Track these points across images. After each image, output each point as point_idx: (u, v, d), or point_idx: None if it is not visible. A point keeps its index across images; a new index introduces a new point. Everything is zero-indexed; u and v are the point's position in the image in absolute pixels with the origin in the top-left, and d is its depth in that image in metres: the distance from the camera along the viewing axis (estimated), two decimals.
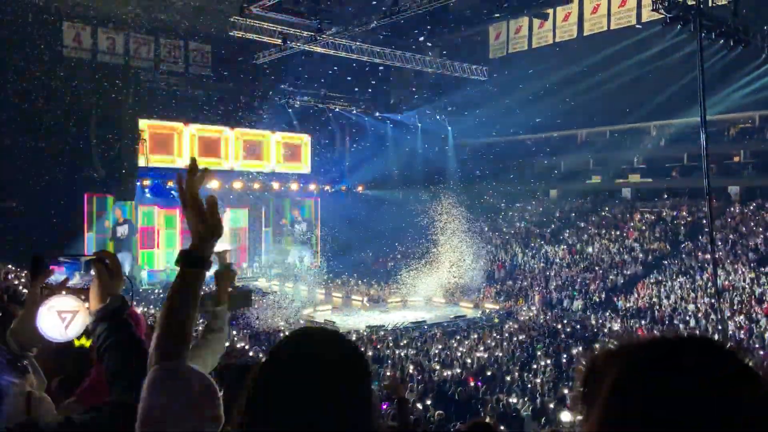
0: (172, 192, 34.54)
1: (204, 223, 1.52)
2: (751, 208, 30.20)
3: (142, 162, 32.33)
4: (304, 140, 40.00)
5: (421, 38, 35.03)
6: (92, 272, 1.76)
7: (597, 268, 30.03)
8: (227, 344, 2.68)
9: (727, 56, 25.60)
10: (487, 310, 28.12)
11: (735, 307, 23.29)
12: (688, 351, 0.79)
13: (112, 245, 30.96)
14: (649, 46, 29.04)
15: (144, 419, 1.33)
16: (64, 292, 2.08)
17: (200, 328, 2.79)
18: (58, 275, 1.90)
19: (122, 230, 32.34)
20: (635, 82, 30.26)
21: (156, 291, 27.43)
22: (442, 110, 40.73)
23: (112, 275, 1.77)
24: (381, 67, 36.09)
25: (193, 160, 1.57)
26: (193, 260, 1.51)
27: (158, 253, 33.70)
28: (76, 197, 30.47)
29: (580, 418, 0.83)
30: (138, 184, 32.47)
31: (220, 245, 2.90)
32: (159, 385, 1.34)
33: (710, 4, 21.67)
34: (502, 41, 35.79)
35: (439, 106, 40.48)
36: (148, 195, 33.76)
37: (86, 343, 4.87)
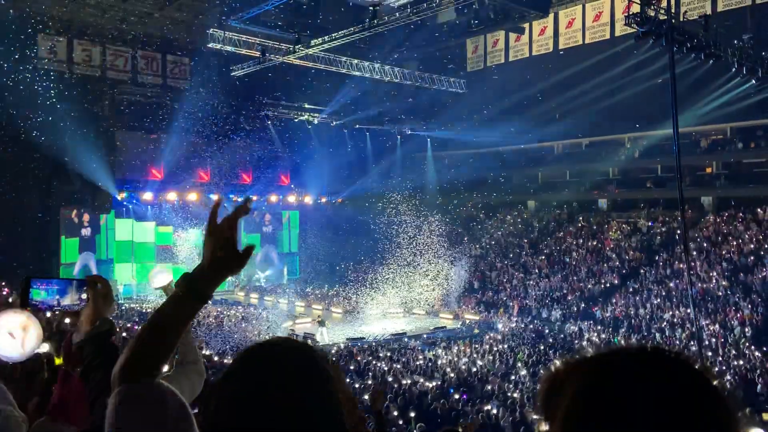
0: (148, 206, 34.33)
1: (224, 256, 1.39)
2: (724, 218, 30.80)
3: (118, 175, 32.06)
4: (283, 153, 39.96)
5: (401, 51, 35.32)
6: (84, 296, 1.81)
7: (575, 278, 30.33)
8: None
9: (699, 70, 26.20)
10: (467, 321, 28.22)
11: (710, 316, 23.67)
12: (643, 363, 0.79)
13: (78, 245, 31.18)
14: (623, 60, 29.60)
15: None
16: (8, 310, 2.02)
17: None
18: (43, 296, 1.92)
19: (86, 231, 32.25)
20: (610, 95, 30.78)
21: (132, 306, 27.05)
22: (421, 122, 41.00)
23: (103, 299, 1.80)
24: (360, 79, 36.26)
25: (248, 199, 1.46)
26: (194, 290, 1.40)
27: (133, 267, 33.31)
28: (52, 210, 30.10)
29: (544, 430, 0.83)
30: (114, 197, 32.19)
31: (163, 278, 2.94)
32: (132, 406, 1.29)
33: (681, 19, 22.20)
34: (480, 54, 36.21)
35: (418, 118, 40.76)
36: (124, 208, 33.49)
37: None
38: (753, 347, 20.52)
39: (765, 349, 19.91)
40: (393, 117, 40.90)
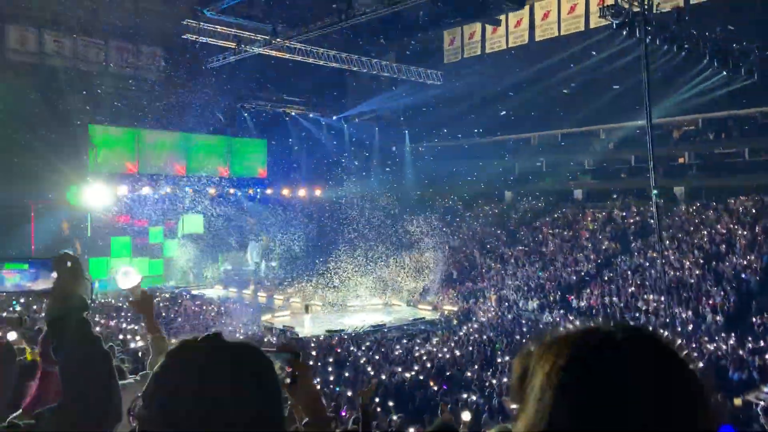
0: (125, 198, 33.87)
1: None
2: (696, 207, 31.37)
3: (92, 168, 31.55)
4: (260, 145, 39.69)
5: (380, 41, 35.24)
6: (53, 274, 1.73)
7: (552, 268, 30.66)
8: None
9: (672, 62, 26.57)
10: (446, 312, 28.39)
11: (683, 304, 24.11)
12: (617, 341, 0.78)
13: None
14: (598, 51, 29.88)
15: None
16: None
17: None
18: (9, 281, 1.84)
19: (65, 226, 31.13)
20: (585, 86, 31.10)
21: (110, 301, 26.70)
22: (399, 114, 40.99)
23: (72, 276, 1.73)
24: (337, 71, 36.08)
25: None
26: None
27: (109, 262, 32.81)
28: (24, 204, 29.53)
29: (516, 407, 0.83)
30: (88, 191, 31.61)
31: (131, 279, 2.90)
32: None
33: (655, 11, 22.50)
34: (457, 46, 36.24)
35: (396, 111, 40.73)
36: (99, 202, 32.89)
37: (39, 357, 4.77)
38: (724, 334, 20.96)
39: (734, 335, 20.35)
40: (370, 109, 40.80)
